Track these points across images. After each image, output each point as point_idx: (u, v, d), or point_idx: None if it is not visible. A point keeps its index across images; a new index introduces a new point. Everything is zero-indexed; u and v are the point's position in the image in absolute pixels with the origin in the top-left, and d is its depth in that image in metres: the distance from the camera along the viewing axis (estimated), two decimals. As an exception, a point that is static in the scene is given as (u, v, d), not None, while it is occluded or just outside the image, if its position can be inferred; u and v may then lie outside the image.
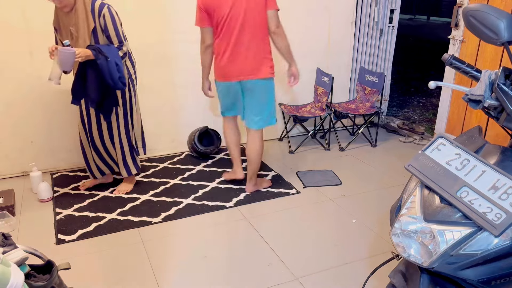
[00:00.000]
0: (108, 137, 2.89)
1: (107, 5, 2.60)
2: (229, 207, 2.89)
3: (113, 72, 2.59)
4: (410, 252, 1.20)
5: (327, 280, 2.18)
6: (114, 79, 2.61)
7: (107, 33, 2.61)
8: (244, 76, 2.75)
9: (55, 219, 2.74)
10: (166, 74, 3.56)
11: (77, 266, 2.28)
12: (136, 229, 2.64)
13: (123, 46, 2.67)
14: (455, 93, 3.74)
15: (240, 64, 2.72)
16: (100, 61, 2.54)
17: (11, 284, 1.22)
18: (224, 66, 2.75)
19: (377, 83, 3.86)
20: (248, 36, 2.68)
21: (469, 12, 1.30)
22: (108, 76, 2.59)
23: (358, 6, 4.06)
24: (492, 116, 1.36)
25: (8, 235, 1.42)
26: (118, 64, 2.61)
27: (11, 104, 3.18)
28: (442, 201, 1.21)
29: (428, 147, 1.32)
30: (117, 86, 2.65)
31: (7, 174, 3.35)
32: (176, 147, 3.81)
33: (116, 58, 2.61)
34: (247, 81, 2.76)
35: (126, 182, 3.11)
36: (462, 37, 3.54)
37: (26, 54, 3.10)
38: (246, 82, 2.77)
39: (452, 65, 1.42)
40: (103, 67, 2.56)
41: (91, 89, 2.64)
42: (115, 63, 2.59)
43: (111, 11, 2.61)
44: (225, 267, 2.28)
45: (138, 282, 2.17)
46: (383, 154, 3.81)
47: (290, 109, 3.93)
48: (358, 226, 2.66)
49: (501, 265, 1.12)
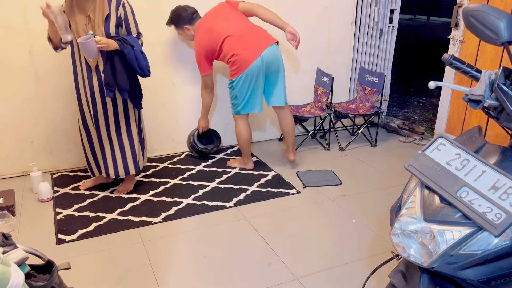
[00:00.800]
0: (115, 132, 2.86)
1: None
2: (229, 207, 2.89)
3: (140, 60, 2.66)
4: (410, 252, 1.20)
5: (327, 280, 2.18)
6: (142, 67, 2.68)
7: (127, 23, 2.66)
8: (267, 43, 3.05)
9: (55, 219, 2.75)
10: (166, 74, 3.56)
11: (77, 266, 2.29)
12: (136, 229, 2.64)
13: (141, 36, 2.74)
14: (455, 93, 3.74)
15: (258, 37, 3.07)
16: (126, 50, 2.59)
17: (11, 284, 1.22)
18: (249, 47, 3.01)
19: (377, 83, 3.86)
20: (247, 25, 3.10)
21: (469, 12, 1.30)
22: (136, 64, 2.65)
23: (358, 6, 4.06)
24: (492, 116, 1.36)
25: (8, 235, 1.42)
26: (143, 52, 2.69)
27: (11, 104, 3.18)
28: (442, 201, 1.21)
29: (428, 147, 1.32)
30: (145, 73, 2.73)
31: (7, 174, 3.35)
32: (176, 147, 3.81)
33: (139, 47, 2.68)
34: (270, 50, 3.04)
35: (126, 182, 3.11)
36: (462, 37, 3.54)
37: (26, 54, 3.11)
38: (269, 54, 3.04)
39: (452, 65, 1.42)
40: (130, 55, 2.61)
41: (121, 80, 2.66)
42: (140, 51, 2.66)
43: (129, 3, 2.67)
44: (225, 267, 2.28)
45: (138, 282, 2.17)
46: (383, 154, 3.81)
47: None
48: (358, 226, 2.66)
49: (501, 265, 1.12)
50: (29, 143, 3.33)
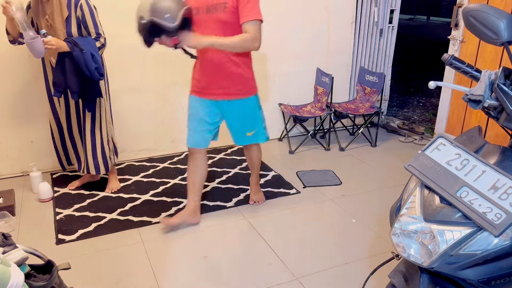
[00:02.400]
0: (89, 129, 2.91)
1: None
2: (229, 207, 2.89)
3: (88, 63, 2.66)
4: (410, 252, 1.20)
5: (327, 280, 2.18)
6: (90, 70, 2.68)
7: (85, 24, 2.67)
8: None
9: (55, 219, 2.74)
10: (166, 74, 3.56)
11: (77, 266, 2.29)
12: (136, 229, 2.64)
13: (100, 38, 2.73)
14: (455, 93, 3.74)
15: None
16: (75, 53, 2.62)
17: (11, 284, 1.22)
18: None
19: (377, 83, 3.86)
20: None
21: (469, 12, 1.30)
22: (84, 66, 2.66)
23: (358, 6, 4.06)
24: (492, 116, 1.36)
25: (8, 235, 1.42)
26: (95, 55, 2.68)
27: (11, 104, 3.18)
28: (442, 201, 1.21)
29: (428, 147, 1.32)
30: (93, 76, 2.71)
31: (7, 174, 3.35)
32: (176, 147, 3.81)
33: (93, 49, 2.67)
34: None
35: (113, 179, 3.15)
36: (462, 37, 3.54)
37: (26, 54, 3.10)
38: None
39: (452, 65, 1.42)
40: (78, 58, 2.63)
41: (71, 81, 2.70)
42: (91, 54, 2.66)
43: (89, 3, 2.68)
44: (225, 267, 2.28)
45: (138, 282, 2.17)
46: (383, 154, 3.81)
47: (290, 109, 3.93)
48: (358, 226, 2.66)
49: (501, 265, 1.12)
50: (29, 143, 3.33)
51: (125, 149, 3.59)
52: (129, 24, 3.34)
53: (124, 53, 3.37)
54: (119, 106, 3.44)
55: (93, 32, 2.70)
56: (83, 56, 2.63)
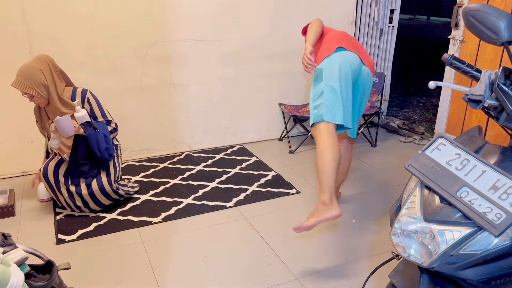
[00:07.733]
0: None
1: (88, 90, 2.76)
2: (229, 207, 2.89)
3: (100, 142, 2.68)
4: (410, 252, 1.20)
5: (327, 280, 2.18)
6: (101, 150, 2.70)
7: (93, 115, 2.75)
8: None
9: (55, 219, 2.74)
10: (166, 74, 3.56)
11: (77, 266, 2.29)
12: (136, 229, 2.64)
13: (111, 123, 2.80)
14: (455, 93, 3.74)
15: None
16: (88, 132, 2.63)
17: (11, 284, 1.22)
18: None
19: (377, 83, 3.86)
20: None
21: (469, 12, 1.30)
22: (95, 146, 2.66)
23: (358, 6, 4.06)
24: (492, 116, 1.36)
25: (8, 235, 1.42)
26: (107, 135, 2.73)
27: (11, 104, 3.18)
28: (442, 201, 1.21)
29: (428, 147, 1.32)
30: (103, 156, 2.72)
31: (7, 174, 3.35)
32: (176, 147, 3.81)
33: (105, 131, 2.72)
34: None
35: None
36: (462, 37, 3.54)
37: (26, 54, 3.10)
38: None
39: (452, 65, 1.42)
40: (91, 137, 2.64)
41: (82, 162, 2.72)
42: (103, 134, 2.70)
43: (93, 95, 2.77)
44: (225, 267, 2.28)
45: (138, 282, 2.17)
46: (383, 154, 3.81)
47: (290, 109, 3.93)
48: (358, 226, 2.66)
49: (501, 265, 1.12)
50: (29, 143, 3.33)
51: (125, 149, 3.59)
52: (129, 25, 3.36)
53: (124, 53, 3.37)
54: (119, 106, 3.44)
55: (103, 121, 2.77)
56: (96, 135, 2.65)
